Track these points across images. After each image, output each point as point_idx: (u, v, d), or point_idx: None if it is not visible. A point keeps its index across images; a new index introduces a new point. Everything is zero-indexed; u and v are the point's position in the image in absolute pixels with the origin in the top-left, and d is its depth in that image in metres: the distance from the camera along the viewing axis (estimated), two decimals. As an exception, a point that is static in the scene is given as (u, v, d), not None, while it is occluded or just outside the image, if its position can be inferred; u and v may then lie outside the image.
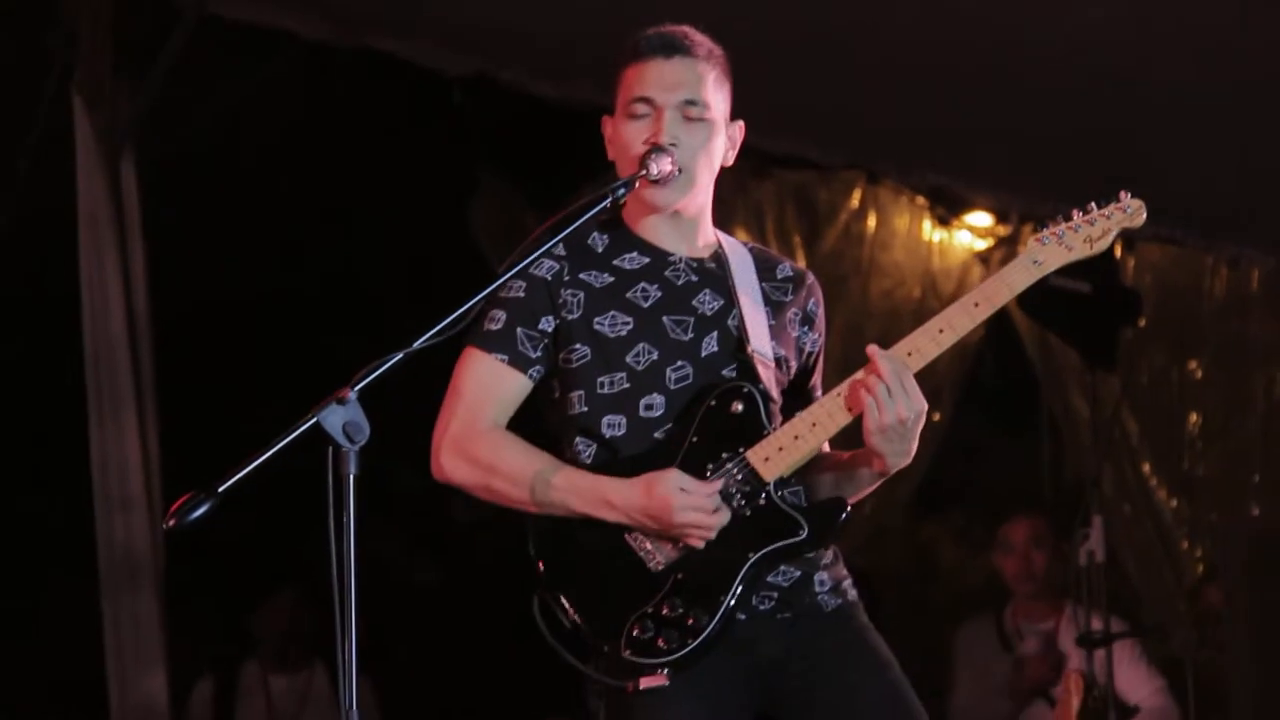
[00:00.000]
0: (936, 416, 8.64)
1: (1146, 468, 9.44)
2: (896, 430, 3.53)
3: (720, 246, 3.81)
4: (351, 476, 3.00)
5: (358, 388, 3.08)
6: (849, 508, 3.62)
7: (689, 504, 3.45)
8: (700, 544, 3.48)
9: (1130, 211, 3.73)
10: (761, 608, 3.60)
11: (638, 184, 3.58)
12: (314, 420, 3.01)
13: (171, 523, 2.94)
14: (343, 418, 3.03)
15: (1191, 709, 6.90)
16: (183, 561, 6.85)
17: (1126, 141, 7.54)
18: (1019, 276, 3.65)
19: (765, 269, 3.84)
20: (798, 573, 3.64)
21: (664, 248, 3.74)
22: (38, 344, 7.50)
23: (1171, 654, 7.63)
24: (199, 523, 2.95)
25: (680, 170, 3.62)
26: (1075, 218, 3.71)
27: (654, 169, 3.57)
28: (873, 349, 3.55)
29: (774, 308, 3.78)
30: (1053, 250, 3.67)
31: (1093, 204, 3.72)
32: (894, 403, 3.51)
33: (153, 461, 6.77)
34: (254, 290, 8.25)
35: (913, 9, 6.75)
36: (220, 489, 2.96)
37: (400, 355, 3.17)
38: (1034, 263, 3.66)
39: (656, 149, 3.58)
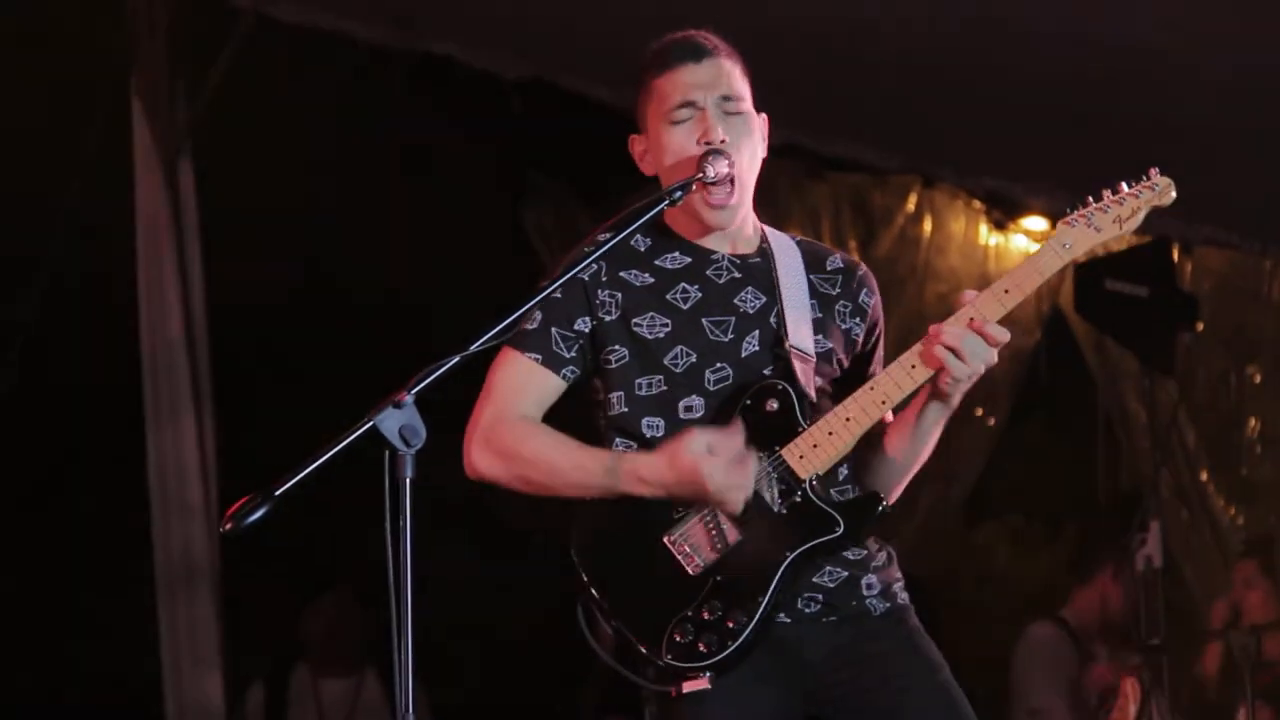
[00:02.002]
0: (991, 421, 8.60)
1: (1204, 474, 9.39)
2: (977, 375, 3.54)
3: (766, 241, 3.81)
4: (408, 480, 3.00)
5: (414, 391, 3.07)
6: (885, 502, 3.62)
7: (719, 464, 3.43)
8: (739, 506, 3.46)
9: (1159, 189, 3.70)
10: (807, 610, 3.59)
11: (694, 187, 3.56)
12: (370, 424, 3.01)
13: (229, 525, 2.94)
14: (399, 421, 3.02)
15: (1252, 713, 6.86)
16: (240, 564, 6.86)
17: (1184, 145, 7.49)
18: (1048, 260, 3.63)
19: (814, 262, 3.83)
20: (844, 574, 3.62)
21: (707, 246, 3.73)
22: (96, 347, 7.52)
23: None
24: (256, 525, 2.95)
25: (734, 181, 3.61)
26: (1104, 198, 3.68)
27: (711, 171, 3.56)
28: (935, 326, 3.55)
29: (821, 300, 3.77)
30: (1081, 232, 3.64)
31: (1122, 184, 3.69)
32: (981, 350, 3.50)
33: (210, 464, 6.80)
34: (311, 293, 8.27)
35: (970, 12, 6.73)
36: (277, 492, 2.97)
37: (456, 358, 3.16)
38: (1063, 246, 3.63)
39: (713, 152, 3.58)
